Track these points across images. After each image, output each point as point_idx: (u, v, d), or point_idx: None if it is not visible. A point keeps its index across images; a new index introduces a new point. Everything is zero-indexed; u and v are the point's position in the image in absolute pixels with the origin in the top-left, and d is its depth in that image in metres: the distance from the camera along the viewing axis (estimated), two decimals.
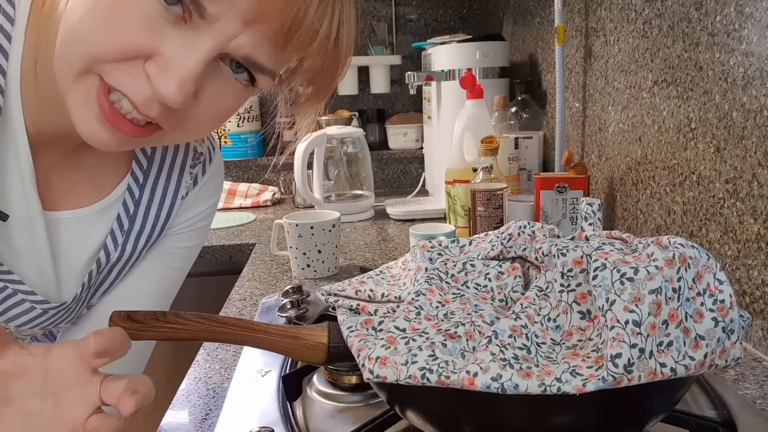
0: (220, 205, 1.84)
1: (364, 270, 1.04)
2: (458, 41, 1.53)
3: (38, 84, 0.50)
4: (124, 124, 0.45)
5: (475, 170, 1.19)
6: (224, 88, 0.47)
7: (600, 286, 0.46)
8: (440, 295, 0.55)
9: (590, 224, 0.66)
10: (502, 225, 1.02)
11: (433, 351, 0.46)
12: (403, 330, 0.50)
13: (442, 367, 0.45)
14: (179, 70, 0.43)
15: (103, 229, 0.59)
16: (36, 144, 0.52)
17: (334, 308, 0.60)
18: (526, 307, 0.49)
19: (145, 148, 0.61)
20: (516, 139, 1.41)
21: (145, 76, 0.44)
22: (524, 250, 0.59)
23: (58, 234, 0.57)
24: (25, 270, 0.55)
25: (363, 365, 0.47)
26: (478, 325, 0.49)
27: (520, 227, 0.60)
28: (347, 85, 1.98)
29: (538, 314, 0.49)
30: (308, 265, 1.10)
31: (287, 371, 0.70)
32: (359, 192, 1.68)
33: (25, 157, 0.51)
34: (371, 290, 0.60)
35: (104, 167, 0.59)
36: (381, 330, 0.52)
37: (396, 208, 1.60)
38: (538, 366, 0.45)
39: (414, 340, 0.48)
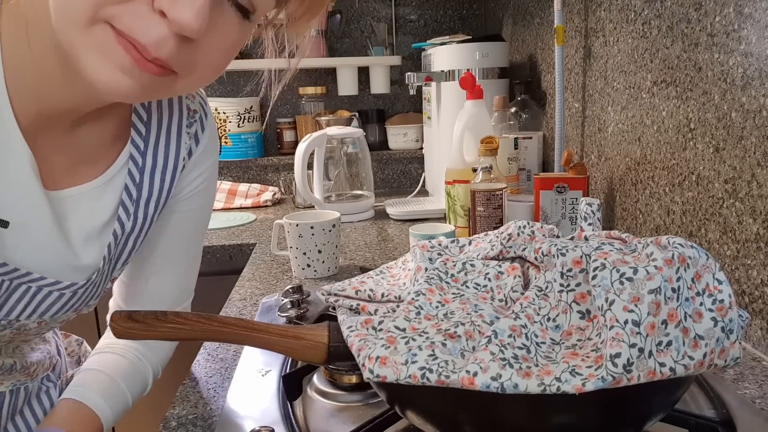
0: (221, 205, 1.85)
1: (364, 270, 1.04)
2: (458, 42, 1.53)
3: (33, 63, 0.48)
4: (149, 64, 0.44)
5: (474, 170, 1.19)
6: (229, 20, 0.46)
7: (599, 285, 0.46)
8: (440, 294, 0.55)
9: (590, 224, 0.66)
10: (502, 225, 1.02)
11: (433, 351, 0.46)
12: (403, 330, 0.50)
13: (441, 367, 0.45)
14: None
15: (111, 200, 0.59)
16: (32, 129, 0.51)
17: (334, 308, 0.60)
18: (526, 307, 0.49)
19: (141, 114, 0.60)
20: (516, 139, 1.41)
21: (153, 15, 0.42)
22: (524, 250, 0.59)
23: (65, 212, 0.57)
24: (42, 263, 0.55)
25: (363, 365, 0.47)
26: (478, 325, 0.49)
27: (520, 227, 0.61)
28: (347, 86, 1.98)
29: (538, 314, 0.49)
30: (308, 265, 1.10)
31: (287, 371, 0.70)
32: (359, 192, 1.69)
33: (21, 149, 0.50)
34: (371, 290, 0.60)
35: (103, 140, 0.58)
36: (381, 330, 0.52)
37: (396, 208, 1.60)
38: (537, 366, 0.45)
39: (414, 339, 0.48)
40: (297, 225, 1.09)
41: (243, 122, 1.99)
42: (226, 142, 1.99)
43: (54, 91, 0.50)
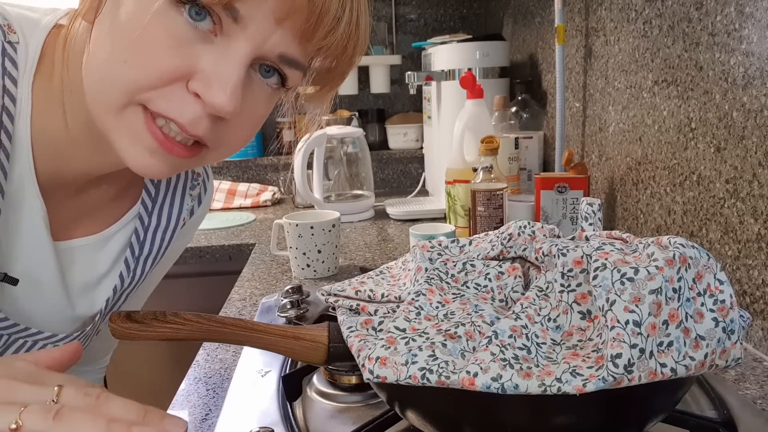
0: (220, 205, 1.85)
1: (364, 270, 1.04)
2: (458, 41, 1.53)
3: (62, 129, 0.50)
4: (176, 147, 0.46)
5: (475, 170, 1.19)
6: (257, 96, 0.48)
7: (600, 286, 0.45)
8: (440, 295, 0.55)
9: (590, 224, 0.66)
10: (502, 225, 1.02)
11: (433, 351, 0.46)
12: (403, 330, 0.50)
13: (442, 368, 0.45)
14: (225, 80, 0.43)
15: (111, 253, 0.61)
16: (48, 186, 0.52)
17: (334, 308, 0.60)
18: (527, 308, 0.49)
19: None
20: (516, 139, 1.41)
21: (188, 96, 0.44)
22: (524, 250, 0.59)
23: (70, 264, 0.58)
24: (43, 317, 0.56)
25: (363, 365, 0.47)
26: (478, 326, 0.49)
27: (520, 227, 0.60)
28: (347, 85, 1.98)
29: (539, 314, 0.49)
30: (308, 265, 1.10)
31: (287, 371, 0.70)
32: (359, 192, 1.68)
33: (37, 204, 0.51)
34: (371, 290, 0.60)
35: (111, 196, 0.60)
36: (381, 330, 0.52)
37: (396, 208, 1.60)
38: (538, 366, 0.45)
39: (414, 340, 0.48)
40: (297, 225, 1.09)
41: None
42: None
43: (78, 157, 0.52)
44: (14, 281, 0.52)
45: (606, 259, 0.47)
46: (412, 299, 0.54)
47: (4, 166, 0.48)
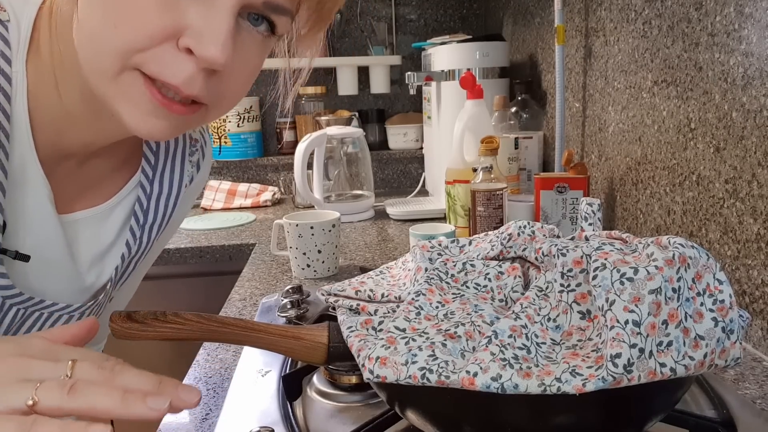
0: (220, 205, 1.85)
1: (364, 270, 1.04)
2: (458, 41, 1.53)
3: (59, 103, 0.50)
4: (176, 105, 0.46)
5: (475, 170, 1.19)
6: (249, 45, 0.48)
7: (600, 286, 0.46)
8: (440, 295, 0.55)
9: (590, 224, 0.66)
10: (502, 225, 1.02)
11: (433, 351, 0.46)
12: (403, 330, 0.50)
13: (442, 367, 0.45)
14: (215, 32, 0.44)
15: (116, 223, 0.61)
16: (50, 161, 0.52)
17: (334, 308, 0.60)
18: (526, 307, 0.49)
19: (151, 144, 0.62)
20: (516, 139, 1.41)
21: (180, 54, 0.44)
22: (524, 250, 0.59)
23: (76, 236, 0.58)
24: (56, 289, 0.56)
25: (363, 365, 0.47)
26: (478, 325, 0.49)
27: (520, 227, 0.60)
28: (347, 85, 1.98)
29: (538, 314, 0.49)
30: (308, 265, 1.10)
31: (287, 371, 0.70)
32: (359, 192, 1.68)
33: (40, 180, 0.51)
34: (371, 290, 0.60)
35: (113, 166, 0.60)
36: (381, 330, 0.52)
37: (396, 208, 1.60)
38: (538, 366, 0.45)
39: (414, 340, 0.48)
40: (297, 225, 1.09)
41: (242, 122, 1.98)
42: (225, 142, 1.99)
43: (76, 129, 0.52)
44: (26, 258, 0.52)
45: (605, 259, 0.47)
46: (412, 299, 0.54)
47: (4, 147, 0.48)
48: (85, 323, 0.41)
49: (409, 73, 1.51)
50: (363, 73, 2.03)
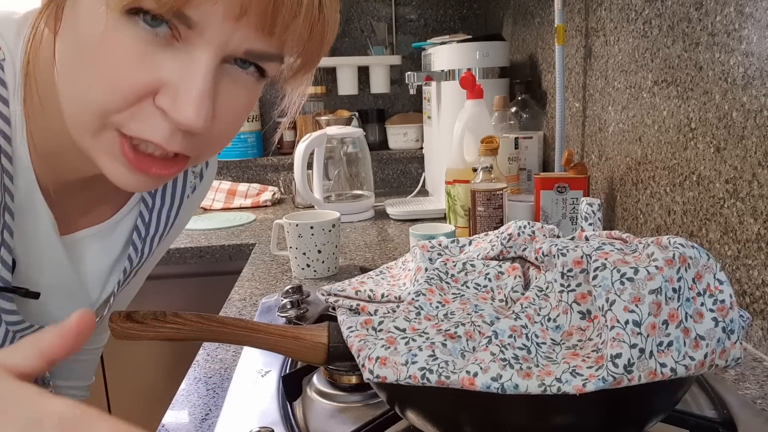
0: (220, 205, 1.85)
1: (364, 270, 1.04)
2: (458, 41, 1.53)
3: (53, 139, 0.50)
4: (154, 165, 0.45)
5: (475, 170, 1.19)
6: (236, 90, 0.46)
7: (600, 286, 0.45)
8: (440, 295, 0.55)
9: (590, 224, 0.66)
10: (502, 225, 1.02)
11: (433, 351, 0.46)
12: (403, 330, 0.50)
13: (442, 367, 0.45)
14: (190, 92, 0.41)
15: (120, 238, 0.61)
16: (51, 189, 0.52)
17: (334, 308, 0.60)
18: (526, 307, 0.49)
19: None
20: (516, 139, 1.41)
21: (158, 113, 0.43)
22: (524, 250, 0.59)
23: (81, 255, 0.58)
24: (60, 312, 0.56)
25: (363, 365, 0.47)
26: (478, 325, 0.49)
27: (520, 227, 0.60)
28: (347, 85, 1.98)
29: (538, 314, 0.49)
30: (308, 265, 1.10)
31: (287, 371, 0.70)
32: (359, 192, 1.68)
33: (43, 211, 0.51)
34: (371, 290, 0.60)
35: (115, 187, 0.60)
36: (381, 330, 0.52)
37: (396, 208, 1.60)
38: (538, 366, 0.45)
39: (414, 340, 0.48)
40: (297, 225, 1.09)
41: None
42: None
43: (74, 160, 0.52)
44: (36, 295, 0.52)
45: (606, 259, 0.47)
46: (412, 299, 0.54)
47: (9, 189, 0.48)
48: (77, 321, 0.33)
49: (409, 73, 1.51)
50: (363, 73, 2.03)
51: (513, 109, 1.52)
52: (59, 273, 0.55)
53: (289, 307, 0.88)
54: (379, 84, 1.99)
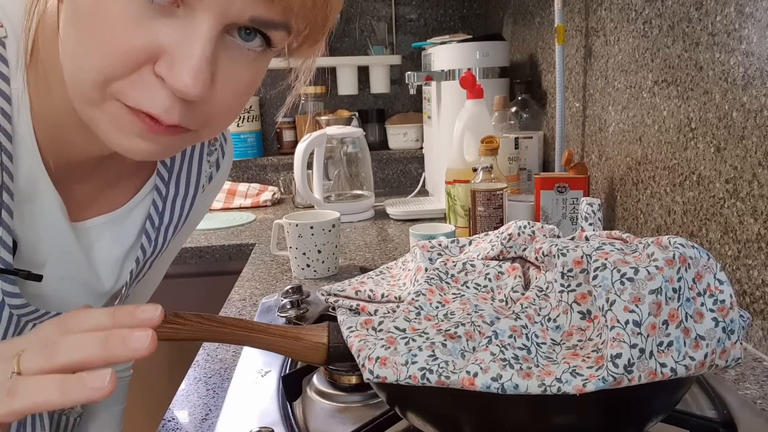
0: (220, 205, 1.85)
1: (364, 270, 1.04)
2: (458, 41, 1.53)
3: (58, 117, 0.49)
4: (163, 130, 0.44)
5: (475, 170, 1.19)
6: (239, 63, 0.44)
7: (600, 286, 0.45)
8: (440, 295, 0.55)
9: (590, 224, 0.66)
10: (502, 225, 1.02)
11: (433, 351, 0.46)
12: (403, 330, 0.50)
13: (442, 368, 0.45)
14: (188, 59, 0.40)
15: (133, 227, 0.60)
16: (60, 171, 0.52)
17: (334, 308, 0.60)
18: (526, 308, 0.49)
19: None
20: (516, 139, 1.41)
21: (157, 81, 0.42)
22: (524, 250, 0.59)
23: (92, 243, 0.57)
24: (71, 299, 0.56)
25: (363, 365, 0.47)
26: (478, 326, 0.49)
27: (520, 227, 0.60)
28: (347, 85, 1.98)
29: (538, 314, 0.49)
30: (308, 265, 1.10)
31: (287, 371, 0.70)
32: (359, 192, 1.68)
33: (51, 194, 0.51)
34: (371, 290, 0.60)
35: (127, 169, 0.59)
36: (381, 330, 0.52)
37: (396, 208, 1.60)
38: (538, 366, 0.45)
39: (414, 340, 0.48)
40: (297, 225, 1.09)
41: (242, 122, 1.98)
42: None
43: (81, 138, 0.51)
44: (38, 277, 0.51)
45: (606, 259, 0.47)
46: (412, 299, 0.54)
47: (8, 168, 0.47)
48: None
49: (409, 72, 1.51)
50: (363, 73, 2.03)
51: (513, 109, 1.52)
52: (69, 259, 0.55)
53: (289, 307, 0.88)
54: (379, 84, 1.99)
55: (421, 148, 2.01)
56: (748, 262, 0.77)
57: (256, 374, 0.71)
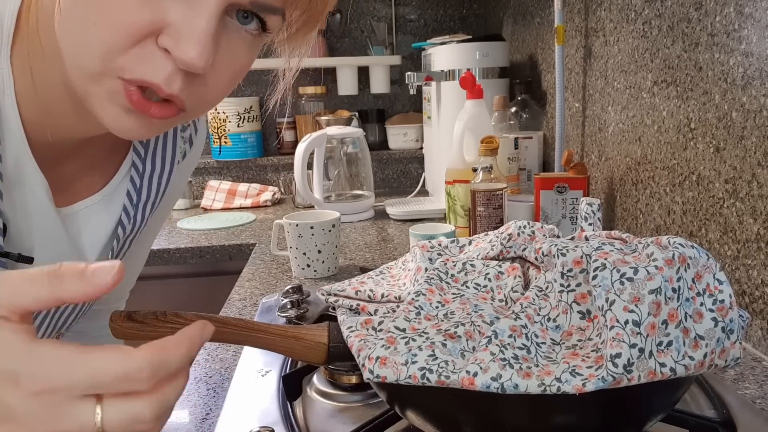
0: (220, 205, 1.85)
1: (364, 270, 1.04)
2: (458, 41, 1.53)
3: (41, 97, 0.49)
4: (153, 107, 0.45)
5: (475, 170, 1.19)
6: (236, 45, 0.46)
7: (600, 286, 0.46)
8: (440, 295, 0.55)
9: (590, 224, 0.66)
10: (502, 225, 1.02)
11: (433, 351, 0.46)
12: (403, 330, 0.50)
13: (442, 367, 0.45)
14: (194, 33, 0.42)
15: (117, 209, 0.61)
16: (44, 153, 0.52)
17: (334, 308, 0.60)
18: (526, 307, 0.49)
19: None
20: (516, 139, 1.41)
21: (159, 53, 0.43)
22: (524, 250, 0.59)
23: (79, 229, 0.58)
24: None
25: (363, 365, 0.47)
26: (478, 325, 0.49)
27: (520, 227, 0.61)
28: (347, 85, 1.98)
29: (538, 314, 0.49)
30: (308, 265, 1.10)
31: (287, 371, 0.70)
32: (359, 192, 1.69)
33: (36, 176, 0.51)
34: (371, 290, 0.60)
35: (106, 148, 0.60)
36: (381, 330, 0.52)
37: (396, 208, 1.60)
38: (537, 366, 0.45)
39: (414, 340, 0.48)
40: (297, 225, 1.09)
41: (243, 122, 1.99)
42: (225, 142, 1.99)
43: (65, 120, 0.51)
44: (29, 260, 0.51)
45: (605, 259, 0.47)
46: (412, 299, 0.54)
47: None
48: (103, 269, 0.34)
49: (409, 73, 1.51)
50: (363, 73, 2.03)
51: (513, 109, 1.52)
52: (55, 244, 0.55)
53: (289, 307, 0.88)
54: (379, 84, 1.99)
55: (421, 148, 2.01)
56: (748, 262, 0.77)
57: (256, 374, 0.71)
